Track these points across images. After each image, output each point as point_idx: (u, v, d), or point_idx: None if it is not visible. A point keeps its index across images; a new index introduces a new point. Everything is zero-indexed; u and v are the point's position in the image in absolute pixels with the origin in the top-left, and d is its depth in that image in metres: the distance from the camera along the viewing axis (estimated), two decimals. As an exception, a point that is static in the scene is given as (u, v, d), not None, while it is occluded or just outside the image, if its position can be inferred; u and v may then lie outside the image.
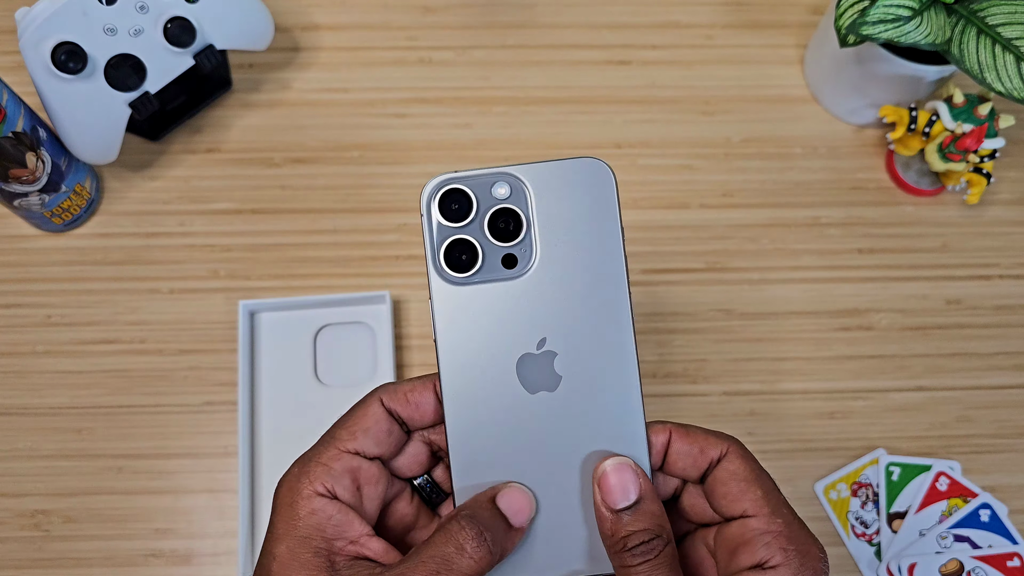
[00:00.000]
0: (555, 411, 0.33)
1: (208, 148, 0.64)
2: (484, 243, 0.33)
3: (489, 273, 0.33)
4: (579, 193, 0.33)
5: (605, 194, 0.33)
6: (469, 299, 0.33)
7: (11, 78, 0.61)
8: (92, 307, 0.60)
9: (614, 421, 0.33)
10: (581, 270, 0.33)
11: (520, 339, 0.33)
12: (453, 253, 0.33)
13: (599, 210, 0.33)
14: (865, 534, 0.57)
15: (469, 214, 0.33)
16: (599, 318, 0.33)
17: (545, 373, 0.33)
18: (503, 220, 0.33)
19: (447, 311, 0.33)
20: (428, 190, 0.33)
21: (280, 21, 0.67)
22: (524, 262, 0.33)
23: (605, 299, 0.33)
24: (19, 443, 0.57)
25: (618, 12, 0.69)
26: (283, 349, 0.58)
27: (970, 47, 0.55)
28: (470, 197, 0.33)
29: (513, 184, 0.33)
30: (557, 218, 0.33)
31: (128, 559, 0.55)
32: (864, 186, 0.65)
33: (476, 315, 0.33)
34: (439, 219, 0.33)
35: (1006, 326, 0.62)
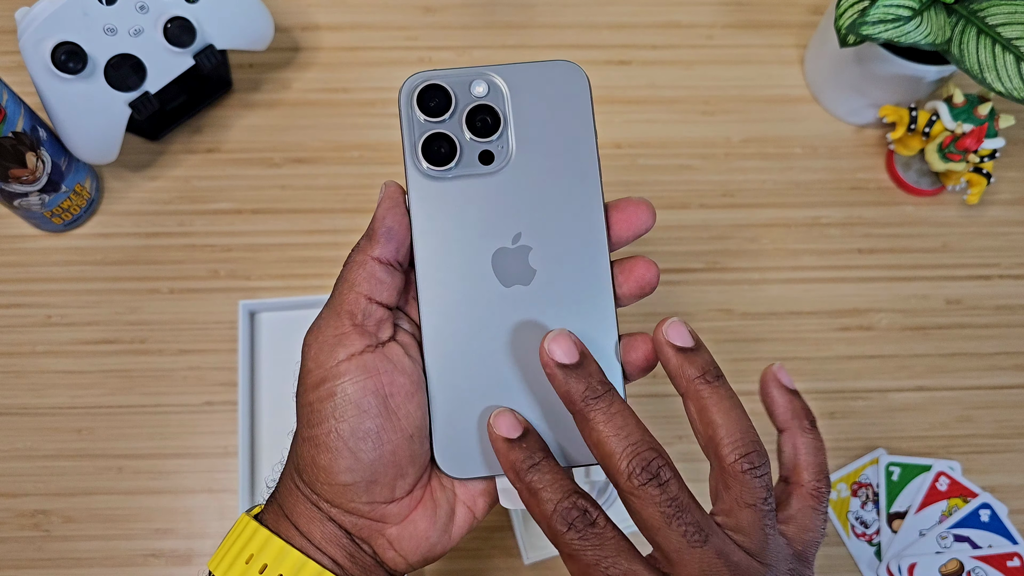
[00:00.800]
0: (529, 304, 0.33)
1: (208, 148, 0.64)
2: (461, 138, 0.33)
3: (466, 168, 0.33)
4: (554, 94, 0.33)
5: (579, 96, 0.34)
6: (446, 193, 0.33)
7: (11, 78, 0.61)
8: (92, 307, 0.60)
9: (585, 314, 0.33)
10: (556, 168, 0.33)
11: (495, 233, 0.33)
12: (432, 147, 0.33)
13: (573, 111, 0.33)
14: (865, 534, 0.57)
15: (448, 109, 0.33)
16: (573, 216, 0.33)
17: (520, 267, 0.33)
18: (481, 116, 0.33)
19: (424, 205, 0.33)
20: (408, 86, 0.33)
21: (280, 21, 0.67)
22: (500, 159, 0.33)
23: (579, 197, 0.33)
24: (19, 443, 0.57)
25: (618, 12, 0.69)
26: (283, 349, 0.58)
27: (970, 47, 0.55)
28: (449, 93, 0.33)
29: (491, 83, 0.33)
30: (533, 117, 0.33)
31: (128, 559, 0.55)
32: (864, 186, 0.65)
33: (452, 209, 0.33)
34: (418, 114, 0.33)
35: (1006, 326, 0.62)
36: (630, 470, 0.29)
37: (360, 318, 0.32)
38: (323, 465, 0.32)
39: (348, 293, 0.32)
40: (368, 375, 0.31)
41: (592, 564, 0.28)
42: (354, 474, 0.31)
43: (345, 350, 0.31)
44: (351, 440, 0.31)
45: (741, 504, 0.29)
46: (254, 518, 0.34)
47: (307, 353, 0.32)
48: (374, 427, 0.31)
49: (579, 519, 0.29)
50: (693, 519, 0.28)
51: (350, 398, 0.31)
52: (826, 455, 0.33)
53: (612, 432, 0.29)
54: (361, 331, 0.32)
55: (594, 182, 0.34)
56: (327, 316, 0.32)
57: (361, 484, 0.32)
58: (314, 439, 0.32)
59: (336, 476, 0.31)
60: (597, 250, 0.33)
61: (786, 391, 0.34)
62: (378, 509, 0.32)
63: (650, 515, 0.28)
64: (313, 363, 0.32)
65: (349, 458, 0.31)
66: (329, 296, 0.33)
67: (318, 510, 0.32)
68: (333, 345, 0.32)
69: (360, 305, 0.32)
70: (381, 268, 0.32)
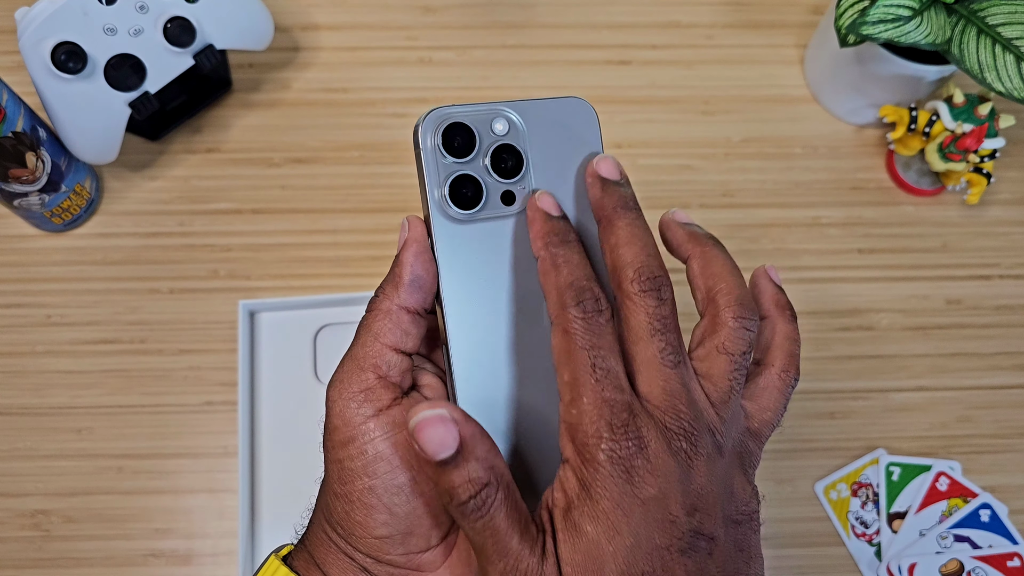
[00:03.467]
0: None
1: (208, 148, 0.64)
2: (487, 179, 0.32)
3: (490, 210, 0.32)
4: (567, 131, 0.33)
5: (590, 131, 0.34)
6: (471, 236, 0.32)
7: (11, 78, 0.61)
8: (92, 307, 0.60)
9: None
10: (572, 204, 0.33)
11: (521, 275, 0.33)
12: (458, 189, 0.32)
13: (585, 147, 0.33)
14: (865, 534, 0.57)
15: (472, 149, 0.32)
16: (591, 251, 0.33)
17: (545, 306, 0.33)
18: (504, 156, 0.33)
19: (450, 249, 0.32)
20: (429, 122, 0.32)
21: (280, 21, 0.67)
22: (522, 199, 0.33)
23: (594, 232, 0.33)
24: (19, 443, 0.57)
25: (618, 12, 0.69)
26: (283, 349, 0.58)
27: (970, 47, 0.55)
28: (472, 132, 0.32)
29: (510, 120, 0.33)
30: (549, 155, 0.33)
31: (128, 559, 0.55)
32: (864, 186, 0.65)
33: (479, 253, 0.32)
34: (442, 153, 0.32)
35: (1006, 326, 0.62)
36: (637, 276, 0.29)
37: (385, 370, 0.31)
38: (359, 520, 0.31)
39: (373, 344, 0.31)
40: (398, 429, 0.31)
41: (583, 348, 0.28)
42: (390, 527, 0.31)
43: (372, 405, 0.31)
44: (385, 496, 0.31)
45: (720, 350, 0.30)
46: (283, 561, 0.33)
47: (332, 409, 0.31)
48: (407, 480, 0.31)
49: (590, 301, 0.29)
50: (673, 341, 0.29)
51: (381, 455, 0.30)
52: (799, 350, 0.34)
53: (631, 241, 0.30)
54: (386, 384, 0.31)
55: None
56: (351, 368, 0.31)
57: (397, 536, 0.31)
58: (347, 496, 0.31)
59: (372, 530, 0.31)
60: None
61: (774, 285, 0.35)
62: (414, 559, 0.32)
63: (638, 322, 0.29)
64: (340, 420, 0.31)
65: (384, 513, 0.31)
66: (352, 344, 0.32)
67: (352, 561, 0.32)
68: (360, 401, 0.31)
69: (386, 357, 0.31)
70: (408, 318, 0.31)
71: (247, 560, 0.53)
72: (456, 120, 0.32)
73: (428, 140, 0.32)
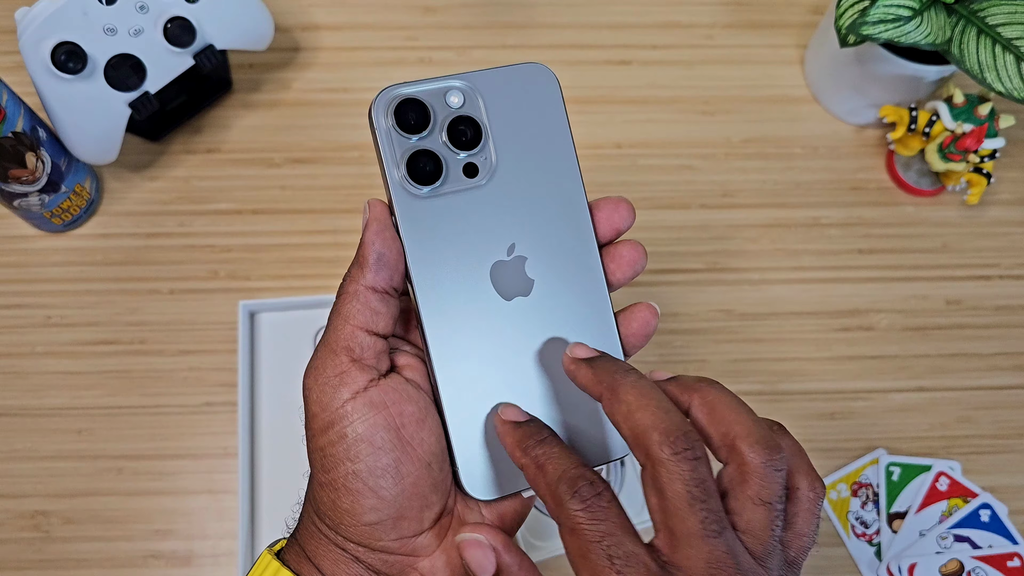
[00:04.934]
0: (532, 316, 0.33)
1: (208, 148, 0.64)
2: (445, 153, 0.32)
3: (453, 184, 0.32)
4: (527, 98, 0.33)
5: (551, 97, 0.33)
6: (435, 211, 0.32)
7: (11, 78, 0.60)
8: (92, 307, 0.60)
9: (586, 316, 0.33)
10: (539, 173, 0.33)
11: (490, 247, 0.32)
12: (417, 165, 0.32)
13: (548, 114, 0.33)
14: (865, 534, 0.57)
15: (427, 124, 0.32)
16: (562, 219, 0.33)
17: (518, 279, 0.33)
18: (461, 128, 0.32)
19: (415, 226, 0.32)
20: (380, 102, 0.32)
21: (280, 21, 0.67)
22: (485, 170, 0.32)
23: (565, 200, 0.33)
24: (19, 444, 0.57)
25: (618, 12, 0.69)
26: (283, 349, 0.58)
27: (970, 47, 0.55)
28: (426, 107, 0.32)
29: (465, 92, 0.32)
30: (509, 124, 0.33)
31: (128, 560, 0.55)
32: (864, 186, 0.65)
33: (444, 227, 0.32)
34: (397, 131, 0.32)
35: (1006, 326, 0.62)
36: (665, 439, 0.27)
37: (359, 352, 0.31)
38: (346, 508, 0.31)
39: (343, 327, 0.31)
40: (376, 410, 0.31)
41: (593, 541, 0.27)
42: (379, 512, 0.31)
43: (348, 389, 0.31)
44: (370, 479, 0.30)
45: (756, 501, 0.28)
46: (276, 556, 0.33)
47: (309, 396, 0.31)
48: (391, 461, 0.31)
49: (586, 488, 0.28)
50: (715, 507, 0.27)
51: (362, 437, 0.30)
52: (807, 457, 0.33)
53: (644, 404, 0.28)
54: (361, 366, 0.31)
55: (576, 182, 0.33)
56: (324, 354, 0.31)
57: (388, 521, 0.31)
58: (332, 483, 0.31)
59: (361, 517, 0.31)
60: (588, 252, 0.33)
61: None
62: (408, 544, 0.32)
63: (675, 492, 0.27)
64: (317, 407, 0.31)
65: (371, 497, 0.30)
66: (324, 331, 0.32)
67: (343, 552, 0.32)
68: (336, 385, 0.31)
69: (357, 339, 0.31)
70: (376, 297, 0.31)
71: (247, 561, 0.53)
72: (408, 96, 0.32)
73: (382, 120, 0.32)
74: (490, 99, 0.33)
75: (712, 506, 0.27)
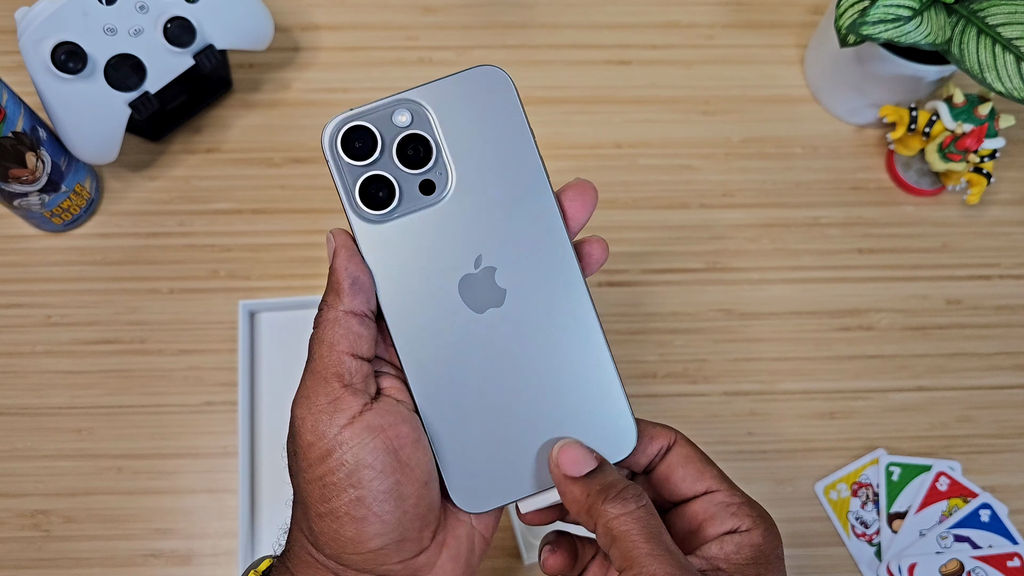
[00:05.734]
0: (507, 326, 0.32)
1: (208, 148, 0.64)
2: (397, 174, 0.32)
3: (410, 204, 0.32)
4: (480, 104, 0.32)
5: (507, 100, 0.32)
6: (396, 234, 0.32)
7: (11, 78, 0.60)
8: (92, 307, 0.60)
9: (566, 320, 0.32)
10: (501, 180, 0.32)
11: (456, 262, 0.32)
12: (369, 191, 0.32)
13: (504, 117, 0.32)
14: (865, 534, 0.57)
15: (375, 149, 0.32)
16: (529, 224, 0.32)
17: (489, 290, 0.32)
18: (411, 147, 0.32)
19: (377, 251, 0.32)
20: (328, 133, 0.32)
21: (280, 21, 0.67)
22: (442, 185, 0.32)
23: (531, 203, 0.32)
24: (19, 443, 0.57)
25: (618, 12, 0.69)
26: (283, 349, 0.58)
27: (970, 47, 0.55)
28: (372, 131, 0.32)
29: (413, 109, 0.32)
30: (464, 134, 0.32)
31: (128, 559, 0.55)
32: (864, 186, 0.65)
33: (406, 249, 0.32)
34: (346, 160, 0.32)
35: (1006, 326, 0.62)
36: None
37: (348, 377, 0.31)
38: (349, 537, 0.30)
39: (330, 354, 0.31)
40: (374, 434, 0.30)
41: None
42: (384, 537, 0.31)
43: (344, 415, 0.30)
44: (374, 504, 0.30)
45: None
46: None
47: (302, 427, 0.31)
48: (393, 484, 0.30)
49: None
50: None
51: (363, 462, 0.30)
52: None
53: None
54: (353, 391, 0.31)
55: (541, 183, 0.32)
56: (313, 383, 0.31)
57: (392, 545, 0.31)
58: (333, 513, 0.30)
59: (366, 544, 0.31)
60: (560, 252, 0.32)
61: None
62: (410, 565, 0.32)
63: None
64: (312, 435, 0.30)
65: (376, 523, 0.30)
66: (308, 361, 0.32)
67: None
68: (331, 412, 0.30)
69: (345, 364, 0.31)
70: (356, 321, 0.31)
71: (247, 560, 0.53)
72: (353, 124, 0.32)
73: (330, 151, 0.32)
74: (441, 111, 0.32)
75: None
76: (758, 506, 0.33)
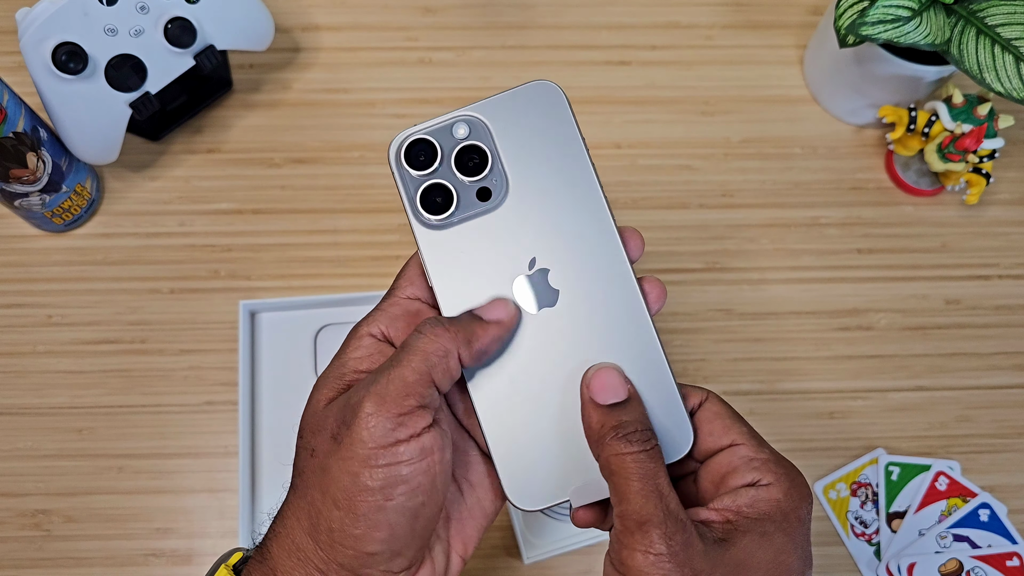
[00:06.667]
0: (561, 325, 0.33)
1: (208, 148, 0.64)
2: (455, 182, 0.34)
3: (467, 210, 0.34)
4: (536, 116, 0.34)
5: (560, 112, 0.34)
6: (456, 239, 0.34)
7: (11, 78, 0.61)
8: (92, 307, 0.60)
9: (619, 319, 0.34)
10: (554, 186, 0.34)
11: (512, 264, 0.33)
12: (429, 198, 0.34)
13: (558, 128, 0.34)
14: (864, 534, 0.57)
15: (435, 159, 0.34)
16: (580, 227, 0.34)
17: (543, 290, 0.33)
18: (469, 157, 0.34)
19: (436, 256, 0.34)
20: (394, 147, 0.34)
21: (280, 21, 0.67)
22: (498, 192, 0.34)
23: (583, 207, 0.34)
24: (19, 443, 0.57)
25: (618, 12, 0.69)
26: (283, 349, 0.58)
27: (969, 47, 0.55)
28: (432, 143, 0.34)
29: (471, 123, 0.34)
30: (520, 144, 0.34)
31: (129, 559, 0.55)
32: (864, 186, 0.65)
33: (465, 253, 0.34)
34: (408, 170, 0.34)
35: (1006, 326, 0.62)
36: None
37: (427, 400, 0.31)
38: (356, 534, 0.31)
39: (422, 374, 0.31)
40: (424, 456, 0.31)
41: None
42: (384, 545, 0.31)
43: (407, 430, 0.31)
44: (392, 516, 0.31)
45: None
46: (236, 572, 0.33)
47: (364, 420, 0.30)
48: (417, 505, 0.31)
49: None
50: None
51: (403, 478, 0.31)
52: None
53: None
54: (423, 412, 0.31)
55: (593, 188, 0.34)
56: (395, 388, 0.31)
57: (386, 554, 0.31)
58: (352, 508, 0.31)
59: (365, 546, 0.31)
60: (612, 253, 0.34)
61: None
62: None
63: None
64: (370, 434, 0.30)
65: (385, 531, 0.31)
66: (399, 361, 0.31)
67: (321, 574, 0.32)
68: (396, 424, 0.30)
69: (431, 390, 0.31)
70: (458, 367, 0.32)
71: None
72: (416, 137, 0.34)
73: (394, 162, 0.34)
74: (497, 124, 0.34)
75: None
76: (786, 463, 0.33)
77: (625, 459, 0.31)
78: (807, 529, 0.32)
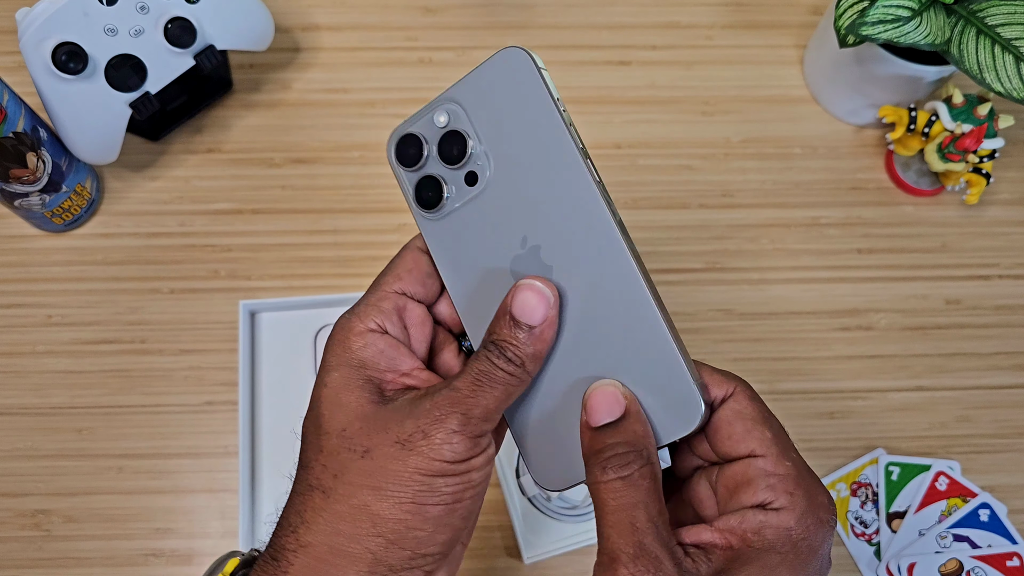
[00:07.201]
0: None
1: (209, 148, 0.64)
2: (442, 172, 0.34)
3: (460, 197, 0.34)
4: (505, 89, 0.33)
5: (528, 78, 0.32)
6: (455, 227, 0.34)
7: (11, 78, 0.61)
8: (92, 307, 0.60)
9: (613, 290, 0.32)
10: (532, 159, 0.32)
11: (505, 245, 0.33)
12: (423, 193, 0.34)
13: (528, 97, 0.32)
14: (864, 534, 0.57)
15: (423, 153, 0.34)
16: (567, 199, 0.32)
17: (536, 267, 0.33)
18: (450, 145, 0.34)
19: (439, 244, 0.34)
20: (389, 147, 0.35)
21: (280, 21, 0.67)
22: (483, 175, 0.33)
23: (566, 178, 0.32)
24: (19, 443, 0.57)
25: (618, 12, 0.69)
26: (283, 349, 0.58)
27: (969, 47, 0.55)
28: (418, 138, 0.34)
29: (448, 108, 0.34)
30: (493, 122, 0.33)
31: (128, 559, 0.55)
32: (864, 186, 0.65)
33: (463, 240, 0.34)
34: (401, 168, 0.34)
35: (1006, 326, 0.62)
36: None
37: (497, 420, 0.32)
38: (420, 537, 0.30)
39: (501, 405, 0.31)
40: (488, 463, 0.32)
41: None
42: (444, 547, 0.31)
43: (480, 446, 0.31)
44: (458, 519, 0.31)
45: None
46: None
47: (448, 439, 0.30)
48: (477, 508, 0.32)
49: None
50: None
51: (472, 484, 0.31)
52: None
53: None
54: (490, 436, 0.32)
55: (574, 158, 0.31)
56: (480, 414, 0.31)
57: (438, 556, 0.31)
58: (421, 512, 0.30)
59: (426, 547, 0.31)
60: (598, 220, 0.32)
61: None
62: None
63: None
64: (450, 450, 0.30)
65: (449, 534, 0.31)
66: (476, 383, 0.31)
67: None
68: (474, 444, 0.31)
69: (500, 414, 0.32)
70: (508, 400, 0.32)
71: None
72: (404, 134, 0.34)
73: (392, 162, 0.35)
74: (470, 104, 0.33)
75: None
76: (807, 482, 0.29)
77: (599, 488, 0.29)
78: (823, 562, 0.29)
